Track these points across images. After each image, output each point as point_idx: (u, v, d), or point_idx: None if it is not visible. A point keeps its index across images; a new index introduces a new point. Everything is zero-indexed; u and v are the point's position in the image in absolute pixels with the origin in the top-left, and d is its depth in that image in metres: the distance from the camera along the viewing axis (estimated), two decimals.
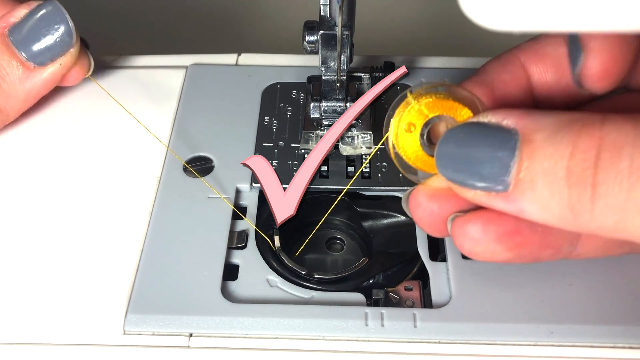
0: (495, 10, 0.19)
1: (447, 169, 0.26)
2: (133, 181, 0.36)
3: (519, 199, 0.24)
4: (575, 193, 0.23)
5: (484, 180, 0.25)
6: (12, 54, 0.35)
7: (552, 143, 0.23)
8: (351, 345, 0.30)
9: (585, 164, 0.23)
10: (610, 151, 0.22)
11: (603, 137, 0.23)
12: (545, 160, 0.23)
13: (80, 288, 0.32)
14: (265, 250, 0.34)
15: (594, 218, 0.23)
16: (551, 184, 0.23)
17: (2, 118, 0.37)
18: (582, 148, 0.23)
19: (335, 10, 0.33)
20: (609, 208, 0.23)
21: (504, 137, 0.24)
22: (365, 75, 0.39)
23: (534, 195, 0.24)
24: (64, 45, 0.36)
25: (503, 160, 0.24)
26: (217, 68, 0.42)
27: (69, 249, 0.33)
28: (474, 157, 0.25)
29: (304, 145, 0.37)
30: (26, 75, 0.36)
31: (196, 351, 0.30)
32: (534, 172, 0.24)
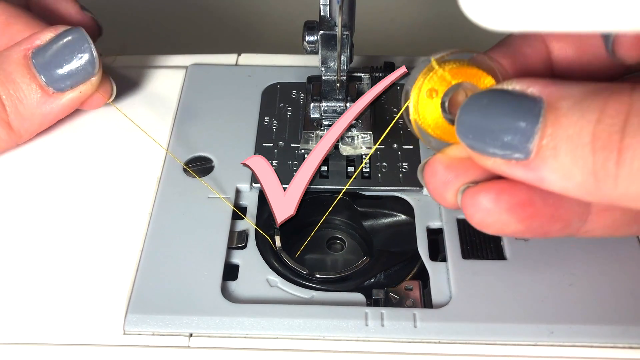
0: (495, 10, 0.19)
1: (467, 136, 0.25)
2: (133, 181, 0.36)
3: (540, 167, 0.24)
4: (600, 159, 0.22)
5: (505, 148, 0.24)
6: (32, 77, 0.35)
7: (578, 109, 0.23)
8: (351, 345, 0.30)
9: (613, 129, 0.22)
10: (639, 117, 0.22)
11: (632, 103, 0.22)
12: (570, 127, 0.23)
13: (80, 288, 0.32)
14: (266, 250, 0.34)
15: (618, 184, 0.22)
16: (575, 150, 0.23)
17: (15, 139, 0.37)
18: (610, 113, 0.22)
19: (335, 10, 0.33)
20: (634, 174, 0.22)
21: (529, 105, 0.24)
22: (365, 75, 0.39)
23: (556, 162, 0.23)
24: (86, 74, 0.36)
25: (526, 127, 0.24)
26: (217, 68, 0.42)
27: (69, 250, 0.33)
28: (497, 124, 0.24)
29: (304, 145, 0.37)
30: (44, 100, 0.36)
31: (196, 351, 0.30)
32: (557, 139, 0.23)
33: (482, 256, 0.33)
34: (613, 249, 0.32)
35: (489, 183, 0.27)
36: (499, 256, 0.33)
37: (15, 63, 0.35)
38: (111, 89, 0.38)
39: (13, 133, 0.36)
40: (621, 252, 0.32)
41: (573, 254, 0.32)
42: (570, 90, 0.24)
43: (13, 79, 0.35)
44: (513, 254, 0.33)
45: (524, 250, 0.33)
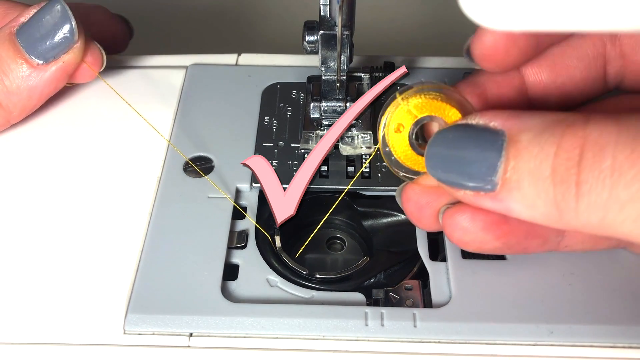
0: (495, 10, 0.19)
1: (436, 170, 0.27)
2: (133, 181, 0.36)
3: (506, 198, 0.25)
4: (560, 191, 0.24)
5: (473, 181, 0.26)
6: (16, 51, 0.36)
7: (537, 143, 0.24)
8: (351, 345, 0.30)
9: (569, 163, 0.23)
10: (593, 150, 0.23)
11: (586, 136, 0.23)
12: (531, 160, 0.24)
13: (80, 288, 0.32)
14: (266, 250, 0.34)
15: (579, 216, 0.24)
16: (537, 183, 0.24)
17: (5, 115, 0.37)
18: (566, 147, 0.23)
19: (335, 10, 0.33)
20: (592, 206, 0.23)
21: (491, 138, 0.25)
22: (365, 75, 0.39)
23: (521, 194, 0.25)
24: (68, 43, 0.36)
25: (490, 160, 0.25)
26: (217, 68, 0.42)
27: (69, 249, 0.33)
28: (463, 158, 0.26)
29: (304, 145, 0.37)
30: (29, 72, 0.36)
31: (196, 351, 0.30)
32: (520, 172, 0.24)
33: (482, 256, 0.33)
34: (613, 249, 0.32)
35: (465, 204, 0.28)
36: (499, 256, 0.33)
37: (0, 41, 0.36)
38: (102, 59, 0.39)
39: (2, 107, 0.37)
40: (621, 252, 0.32)
41: (573, 254, 0.32)
42: (531, 122, 0.25)
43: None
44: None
45: None
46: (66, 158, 0.37)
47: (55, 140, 0.38)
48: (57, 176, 0.36)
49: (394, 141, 0.30)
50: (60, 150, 0.38)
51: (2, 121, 0.37)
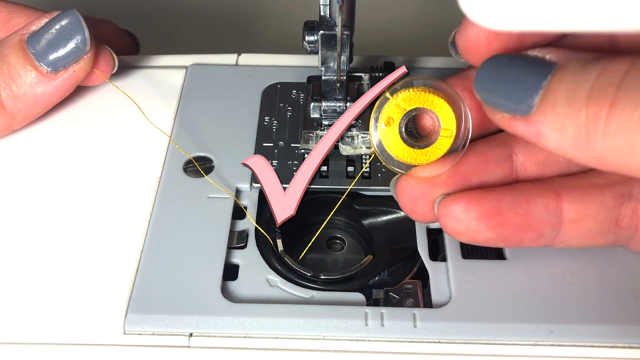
0: (495, 10, 0.19)
1: (483, 89, 0.27)
2: (133, 181, 0.36)
3: (539, 121, 0.25)
4: (592, 110, 0.23)
5: (513, 101, 0.26)
6: (26, 58, 0.36)
7: (583, 68, 0.24)
8: (351, 345, 0.30)
9: (610, 80, 0.23)
10: (637, 74, 0.23)
11: (634, 62, 0.23)
12: (572, 82, 0.24)
13: (80, 288, 0.32)
14: (266, 250, 0.34)
15: (605, 137, 0.23)
16: (571, 103, 0.24)
17: (8, 120, 0.37)
18: (611, 70, 0.23)
19: (335, 10, 0.33)
20: (622, 125, 0.23)
21: (543, 65, 0.25)
22: (365, 75, 0.39)
23: (553, 115, 0.25)
24: (79, 53, 0.36)
25: (535, 82, 0.25)
26: (217, 68, 0.42)
27: (69, 249, 0.33)
28: (510, 78, 0.26)
29: (304, 145, 0.37)
30: (38, 80, 0.36)
31: (196, 351, 0.30)
32: (558, 93, 0.24)
33: (482, 256, 0.33)
34: (613, 249, 0.32)
35: (460, 194, 0.29)
36: (499, 256, 0.33)
37: (10, 47, 0.36)
38: (113, 64, 0.39)
39: (6, 113, 0.36)
40: (621, 252, 0.32)
41: (573, 254, 0.32)
42: (583, 55, 0.25)
43: (8, 60, 0.36)
44: (513, 254, 0.33)
45: (524, 250, 0.33)
46: (66, 158, 0.37)
47: (55, 140, 0.38)
48: (57, 176, 0.36)
49: (385, 136, 0.30)
50: (60, 149, 0.38)
51: (4, 126, 0.37)
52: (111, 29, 0.45)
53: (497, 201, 0.29)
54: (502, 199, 0.29)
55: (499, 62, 0.27)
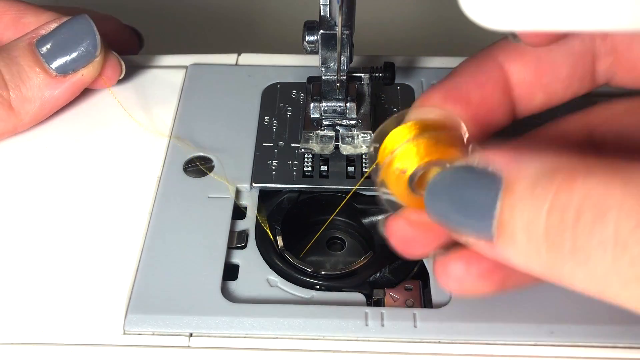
0: (495, 10, 0.19)
1: (437, 215, 0.25)
2: (133, 181, 0.36)
3: (504, 250, 0.24)
4: (553, 255, 0.22)
5: (471, 228, 0.24)
6: (36, 61, 0.36)
7: (530, 195, 0.22)
8: (351, 345, 0.30)
9: (563, 225, 0.21)
10: (593, 214, 0.20)
11: (585, 192, 0.21)
12: (524, 214, 0.22)
13: (80, 288, 0.32)
14: (266, 249, 0.34)
15: (575, 283, 0.22)
16: (531, 241, 0.22)
17: (15, 122, 0.37)
18: (560, 206, 0.21)
19: (335, 10, 0.33)
20: (591, 277, 0.21)
21: (489, 184, 0.23)
22: (365, 75, 0.39)
23: (516, 250, 0.23)
24: (88, 57, 0.37)
25: (486, 209, 0.23)
26: (217, 68, 0.42)
27: (69, 249, 0.33)
28: (461, 204, 0.24)
29: (304, 145, 0.37)
30: (47, 82, 0.36)
31: (196, 351, 0.30)
32: (514, 226, 0.23)
33: None
34: None
35: (457, 252, 0.27)
36: None
37: (20, 49, 0.36)
38: (120, 71, 0.40)
39: (13, 114, 0.36)
40: None
41: None
42: (528, 169, 0.23)
43: (17, 61, 0.36)
44: None
45: None
46: (66, 157, 0.37)
47: (55, 139, 0.38)
48: (57, 176, 0.36)
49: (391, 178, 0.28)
50: (60, 149, 0.38)
51: (11, 128, 0.37)
52: (115, 24, 0.45)
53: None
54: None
55: (445, 183, 0.25)
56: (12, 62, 0.36)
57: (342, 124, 0.37)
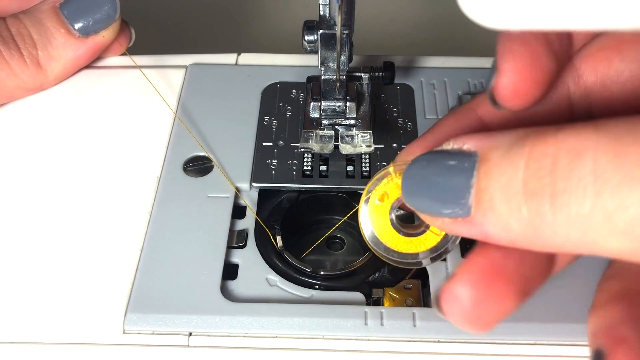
0: (494, 9, 0.19)
1: (413, 199, 0.25)
2: (133, 180, 0.36)
3: (482, 222, 0.23)
4: (533, 206, 0.21)
5: (448, 206, 0.24)
6: (60, 21, 0.39)
7: (507, 157, 0.22)
8: (351, 344, 0.30)
9: (542, 172, 0.21)
10: (570, 156, 0.21)
11: (559, 142, 0.21)
12: (501, 176, 0.22)
13: (80, 287, 0.32)
14: (265, 249, 0.34)
15: (557, 232, 0.21)
16: (509, 200, 0.22)
17: (42, 79, 0.40)
18: (537, 156, 0.21)
19: (334, 9, 0.33)
20: (573, 219, 0.21)
21: (464, 160, 0.24)
22: (365, 75, 0.39)
23: (494, 215, 0.23)
24: (109, 19, 0.40)
25: (463, 182, 0.23)
26: (217, 68, 0.42)
27: (69, 248, 0.33)
28: (437, 183, 0.24)
29: (304, 144, 0.37)
30: (70, 43, 0.39)
31: (196, 350, 0.30)
32: (491, 190, 0.22)
33: None
34: None
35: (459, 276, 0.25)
36: None
37: (45, 11, 0.39)
38: (129, 36, 0.43)
39: (41, 71, 0.39)
40: None
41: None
42: (502, 139, 0.23)
43: (43, 22, 0.39)
44: None
45: None
46: (66, 157, 0.37)
47: (54, 139, 0.38)
48: (57, 175, 0.36)
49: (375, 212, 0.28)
50: (59, 149, 0.38)
51: (38, 84, 0.40)
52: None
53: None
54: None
55: (419, 167, 0.25)
56: (39, 23, 0.39)
57: (342, 123, 0.37)
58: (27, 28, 0.39)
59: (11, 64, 0.38)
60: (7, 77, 0.38)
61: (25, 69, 0.38)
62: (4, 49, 0.38)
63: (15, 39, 0.38)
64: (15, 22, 0.39)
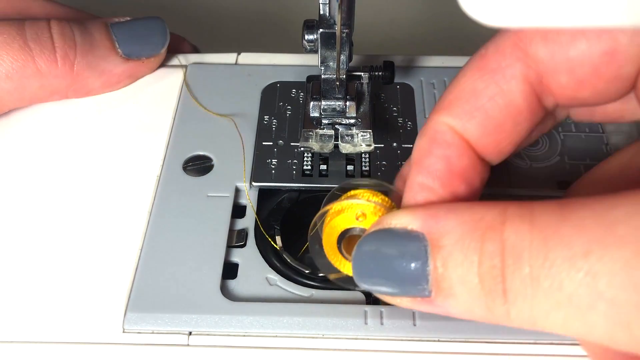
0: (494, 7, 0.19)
1: (366, 280, 0.26)
2: (132, 179, 0.36)
3: (443, 305, 0.25)
4: (490, 300, 0.23)
5: (406, 291, 0.25)
6: (108, 37, 0.39)
7: (460, 250, 0.23)
8: (350, 343, 0.30)
9: (494, 272, 0.23)
10: (512, 257, 0.22)
11: (504, 241, 0.23)
12: (458, 268, 0.24)
13: (79, 286, 0.32)
14: (265, 248, 0.34)
15: (512, 322, 0.23)
16: (469, 291, 0.24)
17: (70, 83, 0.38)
18: (488, 255, 0.23)
19: (334, 8, 0.33)
20: (521, 313, 0.23)
21: (415, 244, 0.24)
22: (365, 74, 0.39)
23: (457, 301, 0.24)
24: (154, 50, 0.40)
25: (419, 269, 0.24)
26: (217, 67, 0.42)
27: (69, 248, 0.33)
28: (391, 268, 0.25)
29: (304, 144, 0.37)
30: (112, 58, 0.39)
31: (195, 349, 0.30)
32: (450, 280, 0.24)
33: None
34: None
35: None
36: None
37: (96, 25, 0.40)
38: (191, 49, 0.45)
39: (72, 75, 0.38)
40: None
41: None
42: (449, 225, 0.24)
43: (91, 32, 0.39)
44: None
45: None
46: (65, 156, 0.37)
47: (54, 138, 0.38)
48: (57, 174, 0.36)
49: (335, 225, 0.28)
50: (59, 148, 0.38)
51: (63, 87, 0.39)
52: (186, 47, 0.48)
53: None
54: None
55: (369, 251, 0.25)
56: (86, 32, 0.39)
57: (342, 122, 0.37)
58: (72, 31, 0.38)
59: (39, 63, 0.37)
60: (32, 75, 0.37)
61: (53, 68, 0.37)
62: (34, 46, 0.37)
63: (54, 37, 0.37)
64: (61, 24, 0.38)
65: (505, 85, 0.26)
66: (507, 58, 0.26)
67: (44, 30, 0.37)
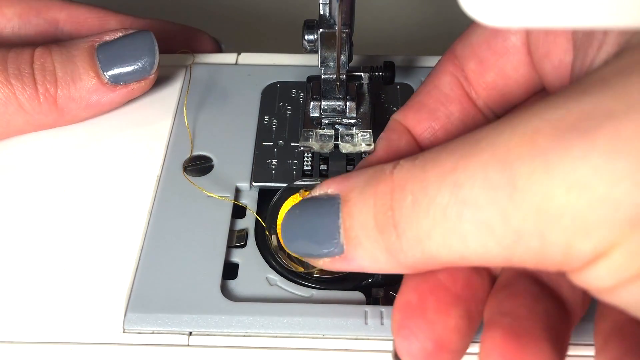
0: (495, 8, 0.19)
1: (292, 243, 0.28)
2: (132, 180, 0.36)
3: (355, 257, 0.26)
4: (385, 237, 0.25)
5: (324, 247, 0.27)
6: (92, 64, 0.37)
7: (361, 198, 0.25)
8: (351, 343, 0.30)
9: (384, 208, 0.25)
10: (399, 191, 0.24)
11: (393, 180, 0.25)
12: (360, 215, 0.25)
13: (79, 287, 0.32)
14: (265, 249, 0.34)
15: (407, 255, 0.25)
16: (369, 235, 0.25)
17: (57, 118, 0.37)
18: (380, 195, 0.25)
19: (334, 9, 0.33)
20: (410, 241, 0.24)
21: (329, 204, 0.26)
22: (365, 75, 0.39)
23: (363, 249, 0.26)
24: (143, 73, 0.37)
25: (332, 224, 0.26)
26: (217, 67, 0.42)
27: (69, 248, 0.33)
28: (311, 227, 0.27)
29: (304, 143, 0.37)
30: (96, 88, 0.37)
31: (196, 350, 0.30)
32: (355, 228, 0.26)
33: None
34: None
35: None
36: None
37: (80, 49, 0.37)
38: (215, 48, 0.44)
39: (56, 110, 0.37)
40: None
41: None
42: (357, 180, 0.26)
43: (74, 61, 0.37)
44: None
45: None
46: (65, 156, 0.37)
47: (54, 138, 0.38)
48: (56, 174, 0.36)
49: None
50: (59, 148, 0.38)
51: (50, 122, 0.37)
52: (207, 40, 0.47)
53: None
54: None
55: (294, 215, 0.28)
56: (69, 61, 0.37)
57: (342, 122, 0.37)
58: (53, 63, 0.36)
59: (21, 100, 0.35)
60: (15, 112, 0.36)
61: (36, 106, 0.36)
62: (17, 84, 0.35)
63: (35, 73, 0.36)
64: (43, 55, 0.36)
65: (437, 80, 0.33)
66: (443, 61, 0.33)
67: (26, 64, 0.36)
